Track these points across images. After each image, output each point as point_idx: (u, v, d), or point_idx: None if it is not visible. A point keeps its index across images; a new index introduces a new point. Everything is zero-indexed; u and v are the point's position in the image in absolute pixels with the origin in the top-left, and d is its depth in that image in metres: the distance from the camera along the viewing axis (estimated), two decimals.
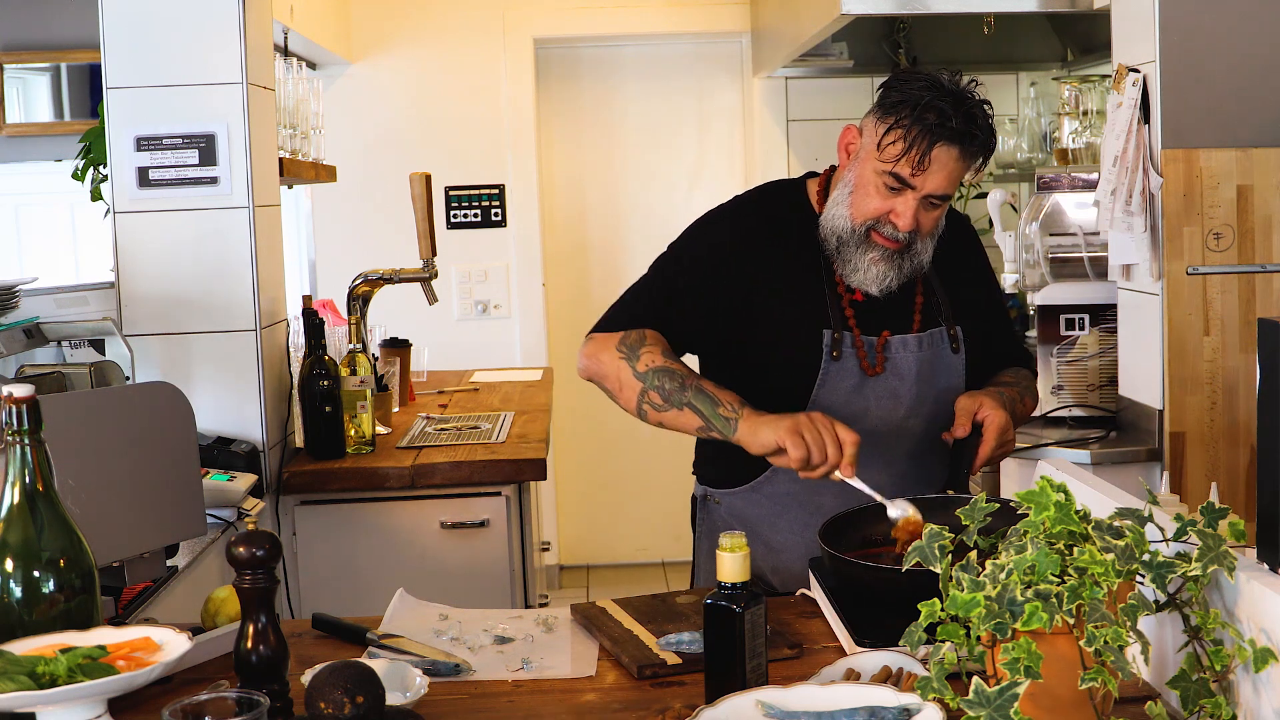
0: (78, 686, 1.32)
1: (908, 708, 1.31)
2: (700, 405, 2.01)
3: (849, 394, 2.10)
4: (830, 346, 2.09)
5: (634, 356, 2.06)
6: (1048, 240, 3.24)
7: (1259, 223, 2.71)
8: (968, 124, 1.99)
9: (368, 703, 1.35)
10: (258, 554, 1.47)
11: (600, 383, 2.12)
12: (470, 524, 3.07)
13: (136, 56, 2.87)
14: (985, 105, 2.03)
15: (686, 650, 1.69)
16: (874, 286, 2.08)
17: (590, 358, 2.13)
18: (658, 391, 2.03)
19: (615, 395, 2.10)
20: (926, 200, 2.03)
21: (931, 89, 2.00)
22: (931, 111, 1.97)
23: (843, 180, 2.11)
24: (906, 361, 2.12)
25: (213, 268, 2.91)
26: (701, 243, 2.18)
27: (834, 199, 2.11)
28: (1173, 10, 2.69)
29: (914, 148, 1.98)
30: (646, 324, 2.10)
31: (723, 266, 2.12)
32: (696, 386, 2.02)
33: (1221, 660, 1.28)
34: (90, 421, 1.94)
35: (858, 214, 2.06)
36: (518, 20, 5.34)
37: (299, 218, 5.22)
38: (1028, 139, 4.72)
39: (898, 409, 2.12)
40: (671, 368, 2.04)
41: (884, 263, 2.07)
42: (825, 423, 1.92)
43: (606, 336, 2.12)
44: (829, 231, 2.10)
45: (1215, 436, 2.74)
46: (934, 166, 1.99)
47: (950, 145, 1.99)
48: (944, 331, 2.16)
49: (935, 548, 1.34)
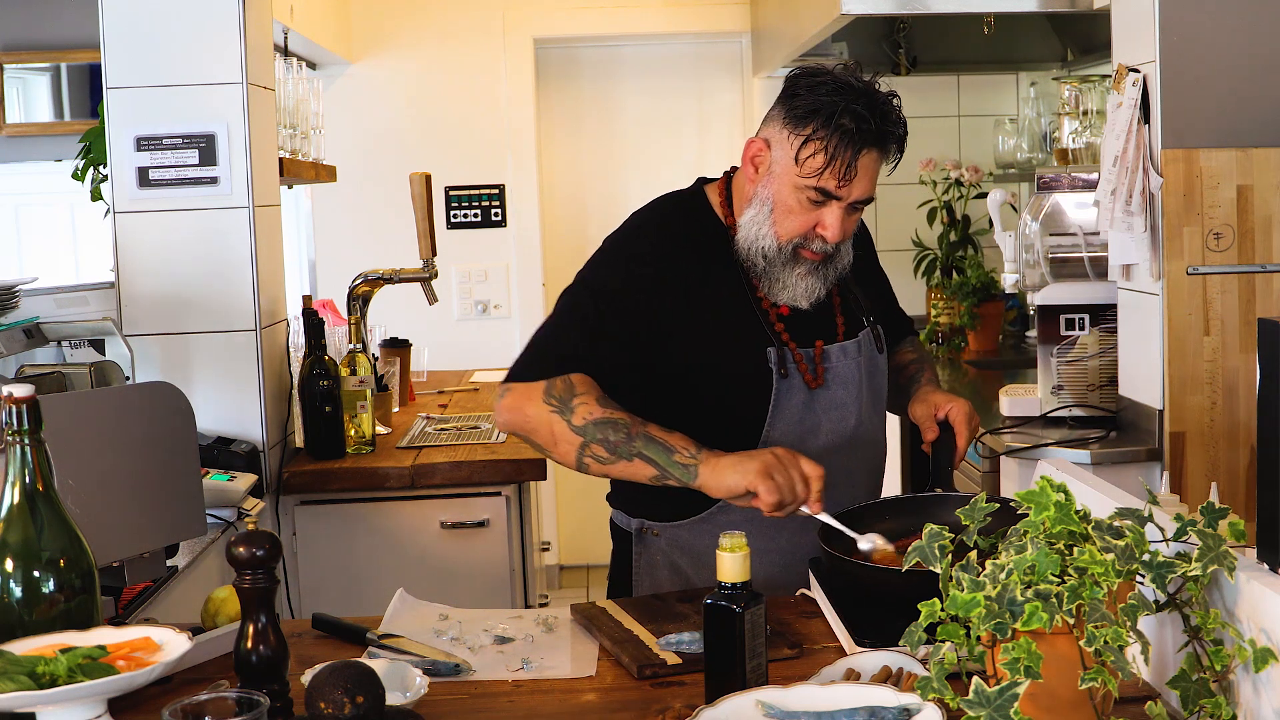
0: (78, 686, 1.32)
1: (908, 708, 1.31)
2: (652, 454, 1.88)
3: (800, 411, 2.03)
4: (777, 364, 2.01)
5: (567, 409, 1.92)
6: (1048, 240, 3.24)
7: (1259, 223, 2.71)
8: (884, 123, 1.92)
9: (368, 703, 1.35)
10: (258, 554, 1.47)
11: (528, 437, 1.97)
12: (470, 524, 3.07)
13: (136, 56, 2.87)
14: (893, 97, 1.97)
15: (686, 650, 1.69)
16: (804, 300, 2.02)
17: (513, 411, 1.97)
18: (601, 445, 1.90)
19: (548, 449, 1.95)
20: (850, 206, 1.97)
21: (840, 92, 1.92)
22: (847, 117, 1.90)
23: (757, 198, 2.01)
24: (848, 369, 2.07)
25: (213, 268, 2.91)
26: (619, 273, 2.03)
27: (752, 219, 2.01)
28: (1173, 10, 2.69)
29: (837, 159, 1.91)
30: (571, 367, 1.95)
31: (648, 295, 1.99)
32: (644, 435, 1.89)
33: (1221, 660, 1.28)
34: (90, 421, 1.94)
35: (784, 233, 1.98)
36: (518, 20, 5.34)
37: (299, 218, 5.22)
38: (1028, 139, 4.72)
39: (848, 419, 2.06)
40: (613, 418, 1.90)
41: (812, 276, 2.01)
42: (790, 458, 1.84)
43: (528, 387, 1.95)
44: (753, 253, 2.01)
45: (1215, 436, 2.74)
46: (859, 175, 1.93)
47: (872, 149, 1.93)
48: (869, 333, 2.13)
49: (935, 548, 1.34)
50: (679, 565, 2.10)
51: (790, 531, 2.07)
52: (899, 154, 1.99)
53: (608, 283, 2.03)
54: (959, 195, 4.95)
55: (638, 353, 2.00)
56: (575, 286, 2.05)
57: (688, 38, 5.47)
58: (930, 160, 5.02)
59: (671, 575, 2.10)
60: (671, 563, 2.10)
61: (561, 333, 2.02)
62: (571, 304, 2.04)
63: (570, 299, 2.04)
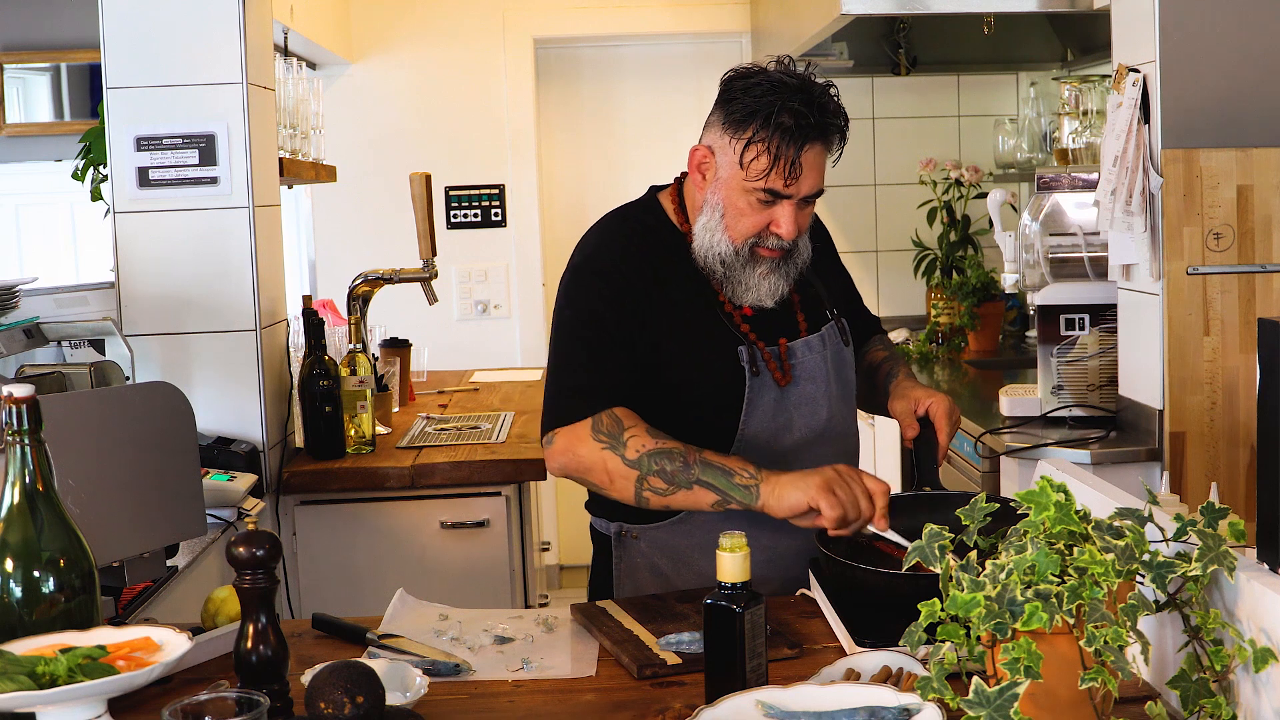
0: (78, 686, 1.32)
1: (908, 708, 1.31)
2: (712, 479, 1.88)
3: (772, 408, 2.03)
4: (749, 363, 2.02)
5: (618, 444, 1.91)
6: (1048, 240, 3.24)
7: (1259, 223, 2.71)
8: (823, 115, 1.93)
9: (368, 703, 1.35)
10: (258, 554, 1.47)
11: (584, 478, 1.98)
12: (470, 524, 3.07)
13: (136, 56, 2.87)
14: (830, 87, 1.97)
15: (686, 650, 1.69)
16: (769, 299, 2.03)
17: (565, 454, 1.96)
18: (659, 475, 1.89)
19: (605, 488, 1.95)
20: (801, 201, 1.98)
21: (775, 90, 1.92)
22: (785, 114, 1.90)
23: (708, 204, 2.01)
24: (815, 364, 2.07)
25: (213, 268, 2.91)
26: (596, 293, 2.03)
27: (704, 225, 2.02)
28: (1173, 10, 2.69)
29: (781, 158, 1.91)
30: (604, 400, 1.95)
31: (622, 307, 2.00)
32: (701, 461, 1.89)
33: (1221, 660, 1.28)
34: (90, 421, 1.94)
35: (737, 235, 1.99)
36: (518, 20, 5.34)
37: (299, 218, 5.22)
38: (1028, 139, 4.72)
39: (819, 415, 2.07)
40: (667, 448, 1.90)
41: (773, 274, 2.02)
42: (854, 475, 1.85)
43: (574, 428, 1.95)
44: (710, 258, 2.01)
45: (1215, 436, 2.74)
46: (805, 170, 1.93)
47: (815, 143, 1.93)
48: (834, 326, 2.13)
49: (935, 548, 1.34)
50: (659, 566, 2.10)
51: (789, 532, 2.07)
52: (842, 144, 1.99)
53: (591, 306, 2.03)
54: (959, 195, 4.94)
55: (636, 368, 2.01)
56: (564, 322, 2.05)
57: (688, 38, 5.47)
58: (930, 160, 5.02)
59: (652, 577, 2.10)
60: (652, 564, 2.10)
61: (575, 367, 2.01)
62: (570, 339, 2.04)
63: (566, 335, 2.04)
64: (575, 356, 2.01)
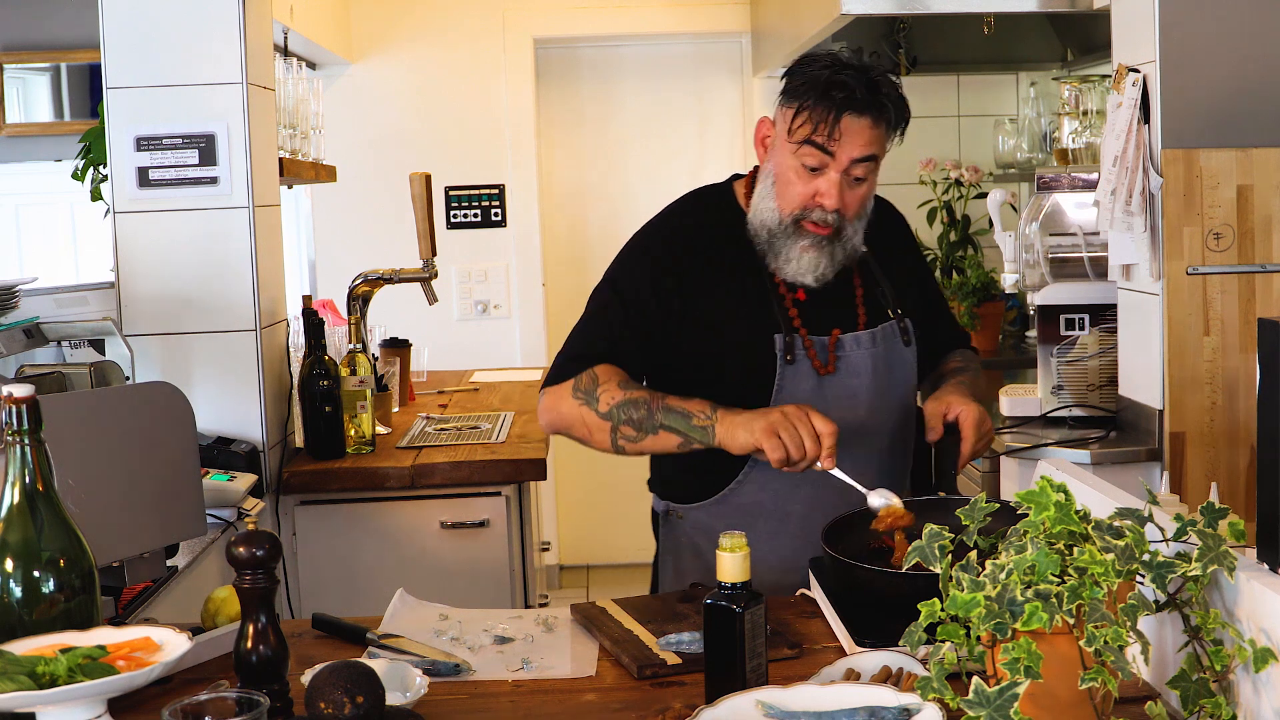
0: (78, 686, 1.32)
1: (908, 708, 1.31)
2: (673, 423, 2.00)
3: (808, 397, 2.06)
4: (783, 350, 2.07)
5: (592, 399, 2.04)
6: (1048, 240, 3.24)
7: (1259, 223, 2.71)
8: (872, 93, 1.99)
9: (368, 703, 1.35)
10: (258, 554, 1.47)
11: (567, 432, 2.10)
12: (470, 524, 3.07)
13: (136, 56, 2.87)
14: (890, 76, 2.04)
15: (686, 650, 1.69)
16: (808, 276, 2.07)
17: (550, 411, 2.10)
18: (628, 424, 2.02)
19: (587, 440, 2.08)
20: (849, 177, 2.02)
21: (831, 67, 2.01)
22: (834, 87, 1.99)
23: (763, 174, 2.11)
24: (861, 359, 2.11)
25: (213, 268, 2.91)
26: (637, 267, 2.13)
27: (758, 194, 2.11)
28: (1173, 10, 2.69)
29: (823, 122, 1.99)
30: (597, 362, 2.07)
31: (661, 286, 2.09)
32: (664, 406, 2.00)
33: (1221, 660, 1.28)
34: (90, 421, 1.94)
35: (784, 204, 2.06)
36: (518, 20, 5.34)
37: (299, 218, 5.22)
38: (1028, 139, 4.72)
39: (857, 408, 2.09)
40: (633, 397, 2.02)
41: (815, 250, 2.06)
42: (800, 415, 1.90)
43: (560, 387, 2.09)
44: (758, 227, 2.09)
45: (1215, 436, 2.74)
46: (846, 136, 1.99)
47: (859, 115, 1.99)
48: (894, 325, 2.15)
49: (935, 548, 1.34)
50: (700, 547, 2.16)
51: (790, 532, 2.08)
52: (894, 129, 2.04)
53: (627, 277, 2.13)
54: (959, 195, 4.94)
55: (659, 341, 2.10)
56: (601, 284, 2.16)
57: (688, 38, 5.46)
58: (930, 160, 5.02)
59: (693, 557, 2.17)
60: (694, 544, 2.17)
61: (589, 332, 2.13)
62: (597, 302, 2.15)
63: (596, 297, 2.15)
64: (589, 325, 2.14)
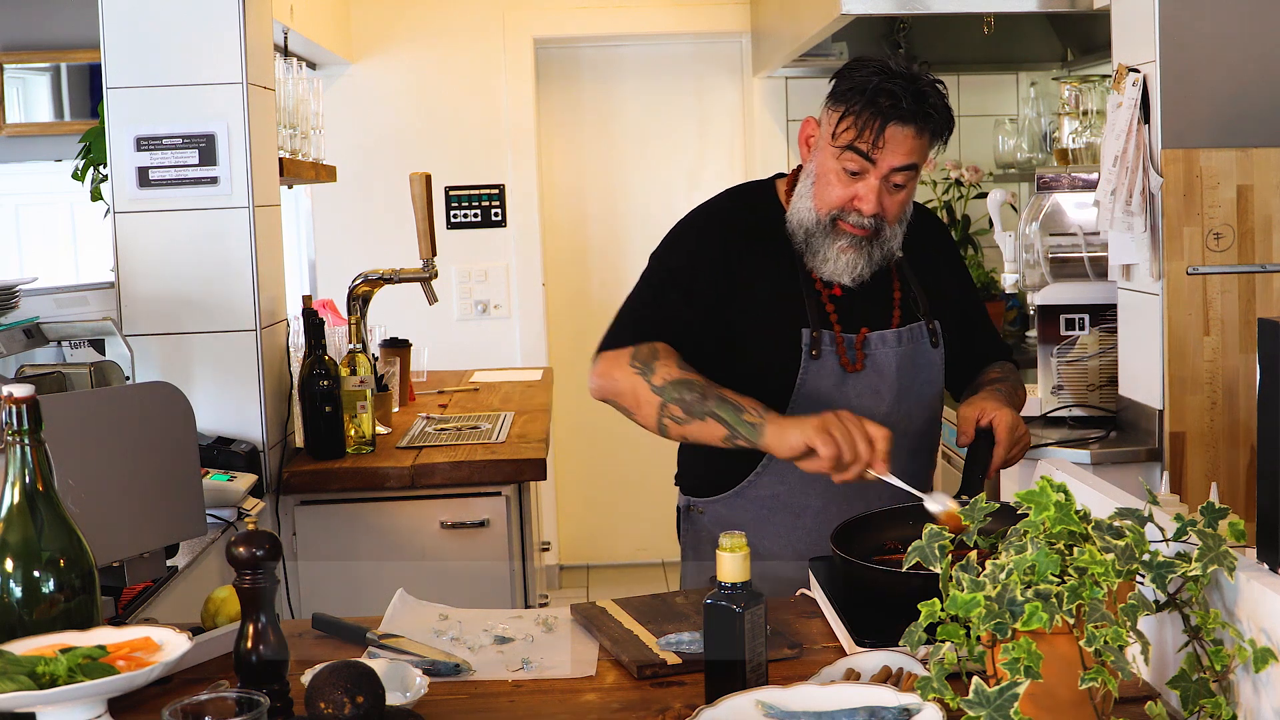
0: (78, 686, 1.32)
1: (908, 708, 1.31)
2: (724, 414, 1.98)
3: (830, 391, 2.09)
4: (809, 345, 2.08)
5: (649, 370, 2.03)
6: (1048, 240, 3.24)
7: (1259, 223, 2.71)
8: (918, 103, 2.01)
9: (368, 703, 1.35)
10: (258, 554, 1.47)
11: (615, 401, 2.09)
12: (470, 524, 3.07)
13: (136, 56, 2.87)
14: (938, 85, 2.06)
15: (686, 650, 1.69)
16: (845, 276, 2.09)
17: (603, 376, 2.09)
18: (678, 404, 2.00)
19: (632, 412, 2.07)
20: (888, 183, 2.04)
21: (880, 74, 2.02)
22: (882, 95, 2.01)
23: (804, 173, 2.13)
24: (886, 357, 2.13)
25: (213, 268, 2.91)
26: (680, 251, 2.17)
27: (798, 193, 2.13)
28: (1173, 10, 2.69)
29: (866, 128, 2.01)
30: (651, 335, 2.08)
31: (701, 273, 2.12)
32: (718, 395, 1.99)
33: (1221, 660, 1.28)
34: (90, 421, 1.94)
35: (822, 204, 2.08)
36: (518, 20, 5.34)
37: (299, 218, 5.22)
38: (1028, 139, 4.72)
39: (879, 405, 2.11)
40: (689, 379, 2.01)
41: (853, 250, 2.08)
42: (853, 420, 1.90)
43: (617, 353, 2.08)
44: (796, 225, 2.12)
45: (1215, 436, 2.74)
46: (889, 145, 2.01)
47: (903, 125, 2.01)
48: (923, 326, 2.17)
49: (935, 548, 1.34)
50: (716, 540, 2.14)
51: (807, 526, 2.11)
52: (938, 138, 2.08)
53: (672, 258, 2.17)
54: (959, 195, 4.94)
55: (696, 321, 2.11)
56: (650, 263, 2.20)
57: (688, 38, 5.46)
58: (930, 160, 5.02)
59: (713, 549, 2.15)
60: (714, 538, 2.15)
61: (638, 304, 2.15)
62: (647, 279, 2.18)
63: (646, 274, 2.19)
64: (642, 293, 2.16)
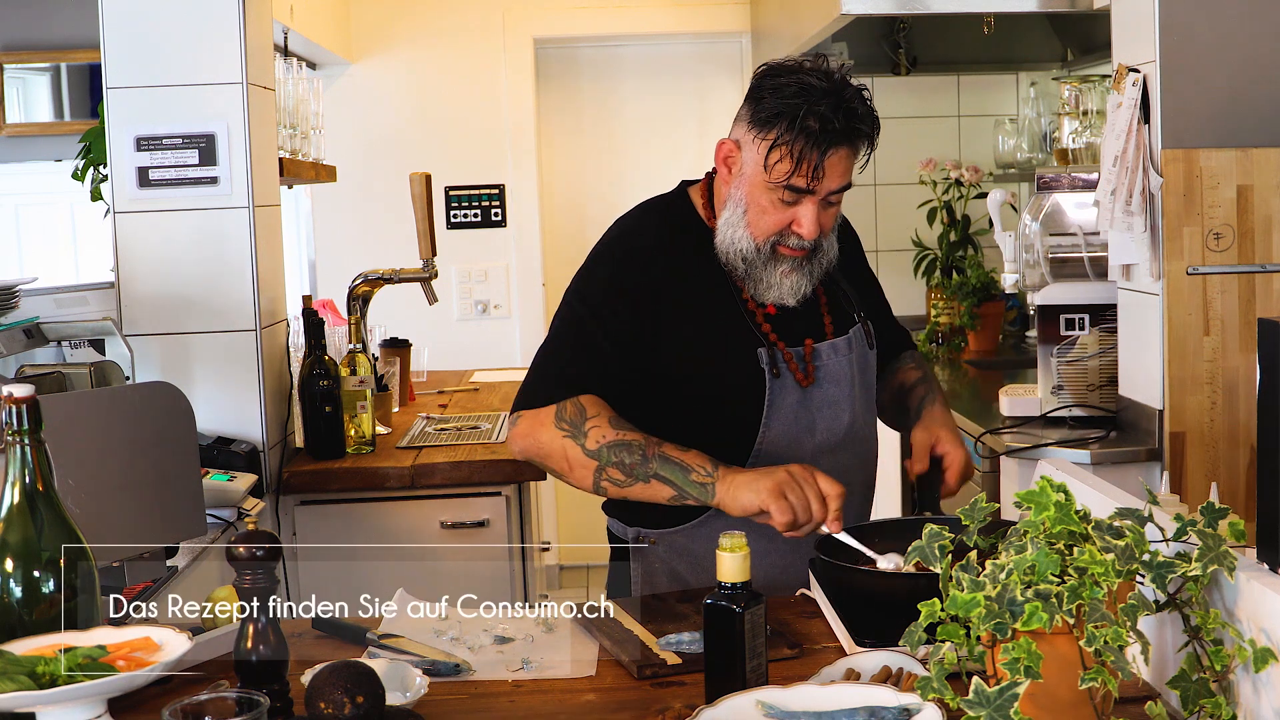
0: (78, 686, 1.32)
1: (908, 708, 1.31)
2: (669, 475, 1.88)
3: (795, 410, 2.02)
4: (769, 364, 2.00)
5: (579, 433, 1.92)
6: (1048, 240, 3.24)
7: (1259, 223, 2.71)
8: (850, 120, 1.91)
9: (368, 703, 1.35)
10: (258, 554, 1.47)
11: (543, 463, 1.97)
12: (470, 524, 3.07)
13: (136, 56, 2.87)
14: (862, 91, 1.95)
15: (686, 650, 1.69)
16: (791, 298, 2.01)
17: (525, 438, 1.96)
18: (617, 467, 1.90)
19: (564, 475, 1.96)
20: (823, 201, 1.95)
21: (803, 93, 1.90)
22: (812, 119, 1.89)
23: (731, 200, 2.00)
24: (840, 367, 2.06)
25: (213, 268, 2.91)
26: (597, 287, 2.02)
27: (727, 221, 2.00)
28: (1173, 10, 2.69)
29: (804, 161, 1.90)
30: (576, 388, 1.94)
31: (622, 309, 1.98)
32: (660, 455, 1.89)
33: (1221, 660, 1.28)
34: (90, 421, 1.94)
35: (759, 233, 1.97)
36: (518, 20, 5.34)
37: (299, 218, 5.22)
38: (1028, 139, 4.72)
39: (842, 416, 2.06)
40: (626, 439, 1.90)
41: (796, 272, 1.99)
42: (807, 477, 1.83)
43: (538, 413, 1.95)
44: (732, 255, 2.00)
45: (1215, 436, 2.74)
46: (828, 172, 1.92)
47: (839, 148, 1.91)
48: (860, 329, 2.12)
49: (935, 548, 1.34)
50: (678, 572, 2.07)
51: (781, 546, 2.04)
52: (870, 148, 1.98)
53: (596, 292, 2.02)
54: (959, 195, 4.94)
55: (632, 359, 1.99)
56: (567, 300, 2.05)
57: (688, 38, 5.46)
58: (930, 160, 5.02)
59: (671, 582, 2.08)
60: (671, 570, 2.08)
61: (561, 351, 2.01)
62: (566, 320, 2.03)
63: (564, 314, 2.04)
64: (561, 341, 2.02)
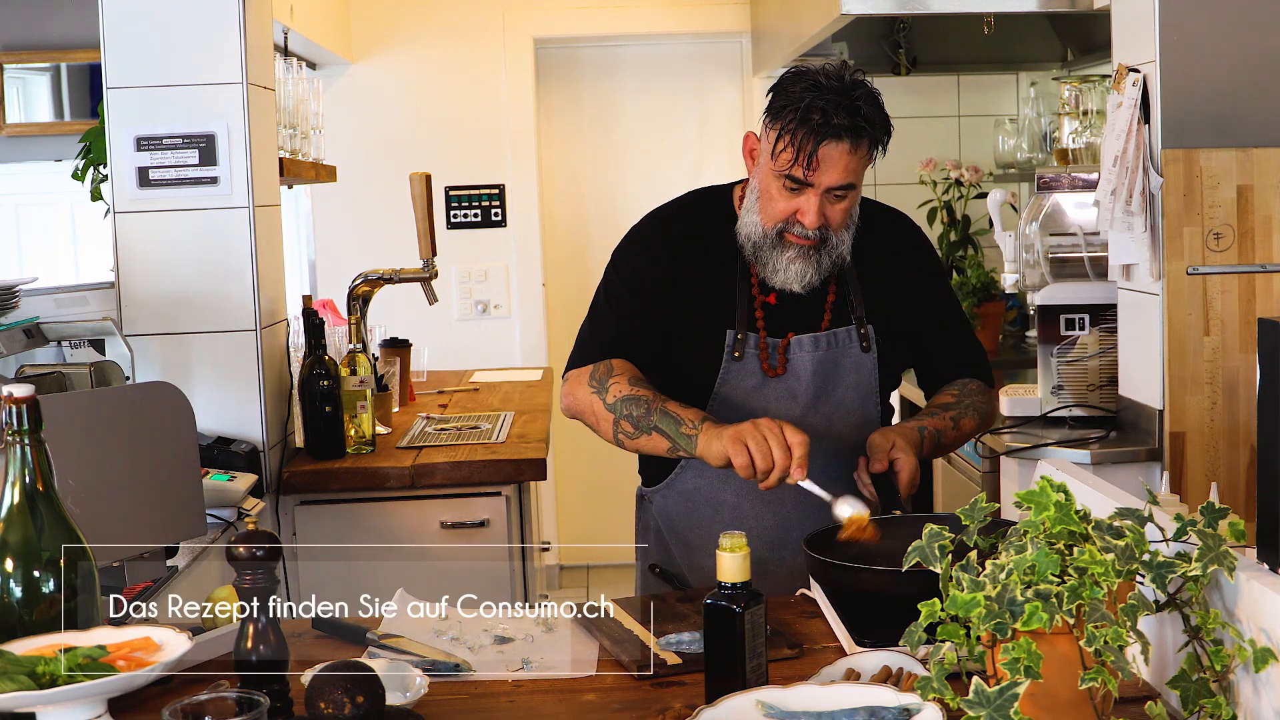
0: (78, 686, 1.32)
1: (908, 708, 1.31)
2: (665, 427, 2.05)
3: (748, 393, 2.15)
4: (732, 347, 2.14)
5: (603, 389, 2.12)
6: (1048, 240, 3.24)
7: (1259, 223, 2.71)
8: (851, 118, 2.01)
9: (368, 703, 1.35)
10: (258, 554, 1.47)
11: (581, 418, 2.19)
12: (470, 524, 3.07)
13: (136, 56, 2.87)
14: (873, 94, 2.06)
15: (686, 650, 1.69)
16: (796, 284, 2.12)
17: (568, 395, 2.20)
18: (627, 420, 2.09)
19: (595, 428, 2.17)
20: (829, 194, 2.06)
21: (813, 90, 2.03)
22: (814, 112, 2.02)
23: (750, 187, 2.16)
24: (802, 361, 2.17)
25: (213, 268, 2.91)
26: (632, 259, 2.23)
27: (746, 206, 2.16)
28: (1173, 10, 2.69)
29: (801, 149, 2.02)
30: (612, 351, 2.16)
31: (651, 279, 2.18)
32: (661, 409, 2.06)
33: (1221, 660, 1.28)
34: (90, 421, 1.94)
35: (767, 218, 2.11)
36: (518, 20, 5.34)
37: (299, 218, 5.22)
38: (1028, 139, 4.72)
39: (794, 408, 2.16)
40: (637, 394, 2.09)
41: (801, 260, 2.11)
42: (772, 427, 1.94)
43: (579, 372, 2.17)
44: (745, 238, 2.15)
45: (1215, 436, 2.74)
46: (825, 164, 2.03)
47: (837, 142, 2.02)
48: (853, 330, 2.18)
49: (935, 548, 1.34)
50: (660, 529, 2.27)
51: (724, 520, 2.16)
52: (875, 146, 2.07)
53: (622, 269, 2.23)
54: (959, 195, 4.94)
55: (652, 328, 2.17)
56: (605, 273, 2.25)
57: (688, 38, 5.46)
58: (930, 160, 5.02)
59: (656, 539, 2.28)
60: (657, 526, 2.27)
61: (599, 319, 2.22)
62: (603, 291, 2.24)
63: (600, 289, 2.25)
64: (599, 309, 2.23)
